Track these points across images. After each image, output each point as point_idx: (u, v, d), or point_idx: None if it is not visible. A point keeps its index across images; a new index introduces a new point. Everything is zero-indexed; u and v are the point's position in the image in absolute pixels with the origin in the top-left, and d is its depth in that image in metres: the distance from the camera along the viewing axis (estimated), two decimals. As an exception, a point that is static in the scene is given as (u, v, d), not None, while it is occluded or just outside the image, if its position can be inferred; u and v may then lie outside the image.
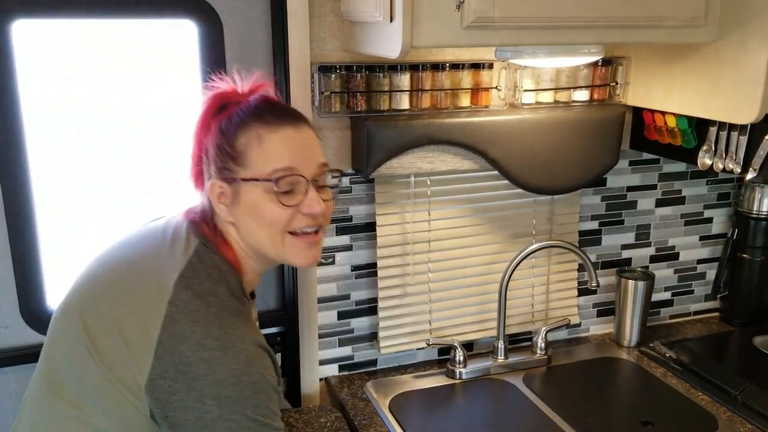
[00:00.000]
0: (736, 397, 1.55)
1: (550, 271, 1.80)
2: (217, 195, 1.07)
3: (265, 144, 1.04)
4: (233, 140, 1.05)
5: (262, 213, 1.05)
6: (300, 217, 1.06)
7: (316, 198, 1.06)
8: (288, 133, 1.06)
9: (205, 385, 0.94)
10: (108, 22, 1.35)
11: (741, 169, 1.49)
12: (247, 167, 1.04)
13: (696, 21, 1.34)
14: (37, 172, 1.37)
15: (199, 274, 1.02)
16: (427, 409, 1.56)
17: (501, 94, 1.59)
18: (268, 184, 1.03)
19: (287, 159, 1.04)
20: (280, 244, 1.07)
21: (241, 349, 0.97)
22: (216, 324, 0.98)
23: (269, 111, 1.07)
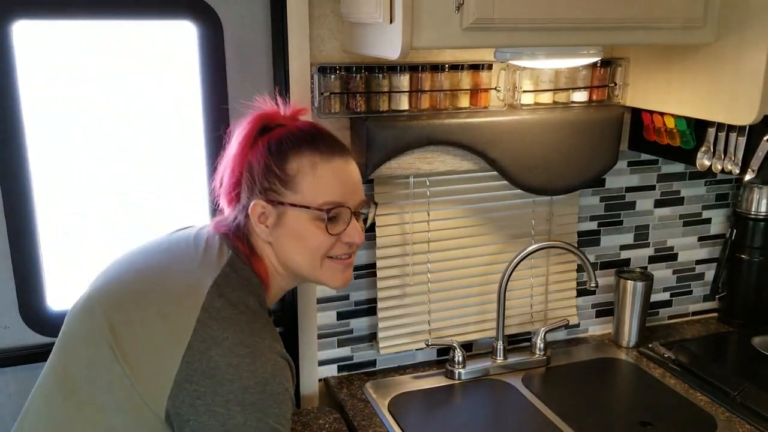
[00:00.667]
0: (735, 397, 1.56)
1: (549, 272, 1.80)
2: (258, 215, 1.10)
3: (319, 173, 1.08)
4: (284, 164, 1.08)
5: (306, 239, 1.09)
6: (340, 245, 1.12)
7: (358, 229, 1.13)
8: (340, 165, 1.11)
9: (232, 390, 0.96)
10: (108, 23, 1.36)
11: (740, 170, 1.49)
12: (297, 192, 1.08)
13: (695, 22, 1.35)
14: (38, 172, 1.37)
15: (231, 283, 1.05)
16: (426, 409, 1.56)
17: (500, 95, 1.59)
18: (318, 213, 1.08)
19: (339, 191, 1.10)
20: (318, 267, 1.12)
21: (268, 359, 1.00)
22: (247, 332, 1.00)
23: (322, 140, 1.12)
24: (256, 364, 0.98)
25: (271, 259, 1.13)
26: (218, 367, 0.97)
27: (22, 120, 1.33)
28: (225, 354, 0.97)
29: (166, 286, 1.06)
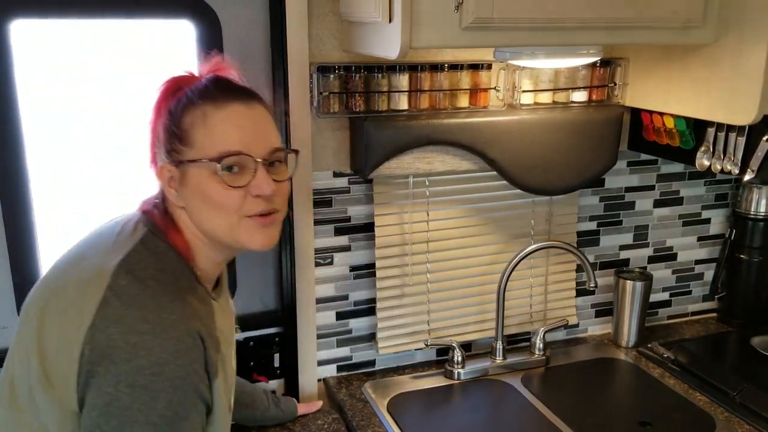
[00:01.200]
0: (734, 397, 1.56)
1: (548, 272, 1.80)
2: (167, 179, 1.02)
3: (210, 122, 0.98)
4: (180, 120, 1.00)
5: (210, 197, 0.99)
6: (251, 200, 1.00)
7: (266, 179, 1.00)
8: (236, 109, 1.00)
9: (125, 370, 0.90)
10: (105, 22, 1.35)
11: (739, 170, 1.49)
12: (193, 147, 0.99)
13: (694, 22, 1.35)
14: (36, 172, 1.37)
15: (142, 260, 0.98)
16: (425, 409, 1.56)
17: (500, 95, 1.59)
18: (213, 165, 0.97)
19: (235, 138, 0.98)
20: (235, 228, 1.01)
21: (171, 337, 0.92)
22: (151, 307, 0.93)
23: (218, 87, 1.02)
24: (155, 342, 0.90)
25: (189, 227, 1.03)
26: (116, 345, 0.90)
27: (20, 120, 1.33)
28: (125, 332, 0.90)
29: (80, 272, 0.99)
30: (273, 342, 1.60)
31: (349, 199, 1.59)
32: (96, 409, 0.91)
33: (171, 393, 0.91)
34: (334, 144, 1.54)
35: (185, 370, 0.92)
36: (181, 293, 0.98)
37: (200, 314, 0.99)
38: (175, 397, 0.92)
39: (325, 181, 1.56)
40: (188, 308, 0.97)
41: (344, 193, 1.58)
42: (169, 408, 0.91)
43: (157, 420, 0.91)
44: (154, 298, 0.94)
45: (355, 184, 1.58)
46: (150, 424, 0.91)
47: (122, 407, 0.90)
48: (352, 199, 1.59)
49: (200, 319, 0.98)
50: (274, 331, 1.60)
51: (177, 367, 0.91)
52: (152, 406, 0.90)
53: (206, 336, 0.97)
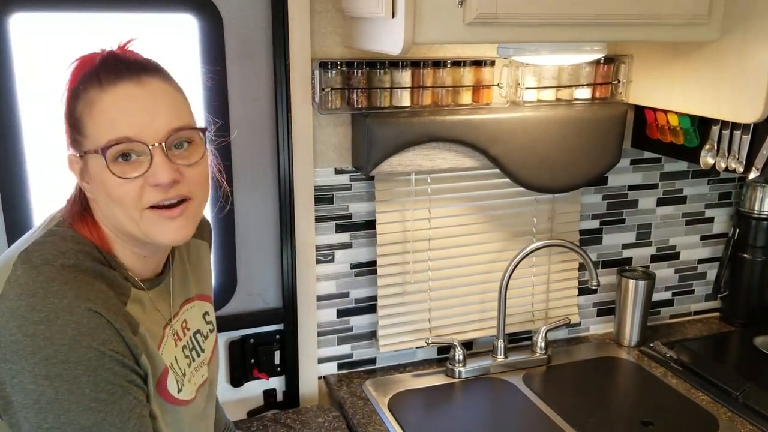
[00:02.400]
0: (737, 397, 1.55)
1: (550, 270, 1.79)
2: (78, 171, 0.94)
3: (96, 108, 0.89)
4: (74, 107, 0.91)
5: (108, 190, 0.90)
6: (150, 190, 0.90)
7: (163, 165, 0.88)
8: (124, 91, 0.88)
9: (35, 363, 0.85)
10: (107, 16, 1.34)
11: (744, 169, 1.48)
12: (87, 137, 0.90)
13: (699, 19, 1.34)
14: (35, 167, 1.36)
15: (42, 246, 0.92)
16: (426, 408, 1.55)
17: (503, 92, 1.58)
18: (102, 157, 0.88)
19: (123, 124, 0.88)
20: (138, 220, 0.92)
21: (68, 322, 0.86)
22: (41, 294, 0.86)
23: (104, 68, 0.91)
24: (51, 330, 0.85)
25: (105, 222, 0.96)
26: (18, 340, 0.85)
27: (19, 114, 1.32)
28: (21, 324, 0.85)
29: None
30: (273, 339, 1.59)
31: (351, 196, 1.58)
32: (29, 408, 0.87)
33: (92, 375, 0.87)
34: (335, 140, 1.53)
35: (96, 351, 0.87)
36: (78, 274, 0.90)
37: (105, 295, 0.91)
38: (98, 378, 0.87)
39: (326, 177, 1.55)
40: (84, 289, 0.89)
41: (346, 190, 1.57)
42: (98, 389, 0.87)
43: (92, 404, 0.87)
44: (43, 284, 0.87)
45: (357, 181, 1.57)
46: (87, 410, 0.87)
47: (50, 401, 0.86)
48: (353, 196, 1.58)
49: (104, 300, 0.90)
50: (274, 329, 1.59)
51: (84, 350, 0.86)
52: (78, 392, 0.86)
53: (113, 317, 0.89)
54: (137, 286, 0.99)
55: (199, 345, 1.12)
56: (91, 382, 0.86)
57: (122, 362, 0.89)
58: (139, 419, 0.91)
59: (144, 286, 1.00)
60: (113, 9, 1.33)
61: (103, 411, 0.88)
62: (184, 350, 1.08)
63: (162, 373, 0.99)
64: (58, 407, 0.86)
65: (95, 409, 0.87)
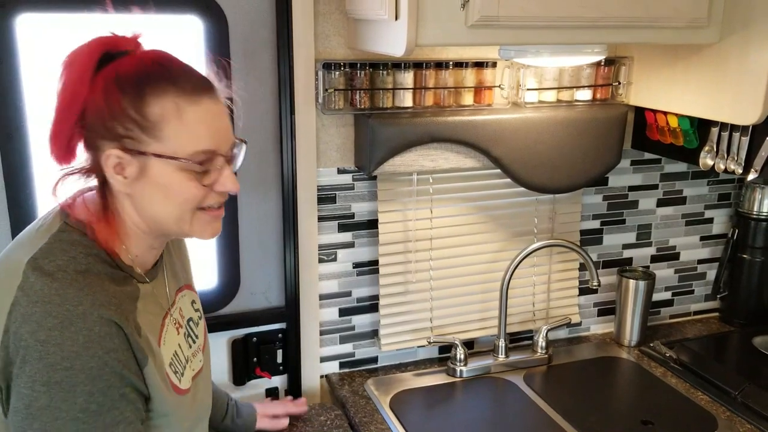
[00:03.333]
0: (736, 397, 1.56)
1: (551, 270, 1.80)
2: (114, 165, 0.94)
3: (186, 118, 0.92)
4: (143, 106, 0.91)
5: (174, 192, 0.95)
6: (213, 195, 0.98)
7: (232, 177, 0.98)
8: (208, 107, 0.95)
9: (38, 369, 0.87)
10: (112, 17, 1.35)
11: (742, 170, 1.49)
12: (162, 141, 0.92)
13: (699, 22, 1.35)
14: (42, 167, 1.37)
15: (51, 253, 0.92)
16: (427, 407, 1.56)
17: (504, 93, 1.59)
18: (187, 164, 0.93)
19: (210, 138, 0.94)
20: (187, 220, 0.98)
21: (80, 329, 0.88)
22: (57, 301, 0.88)
23: (184, 76, 0.95)
24: (64, 336, 0.87)
25: (130, 215, 0.98)
26: (28, 345, 0.87)
27: (26, 114, 1.33)
28: (34, 330, 0.87)
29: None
30: (276, 338, 1.60)
31: (353, 195, 1.59)
32: (19, 413, 0.88)
33: (89, 385, 0.88)
34: (338, 141, 1.54)
35: (100, 360, 0.88)
36: (92, 279, 0.92)
37: (117, 299, 0.94)
38: (95, 388, 0.89)
39: (329, 177, 1.56)
40: (100, 295, 0.91)
41: (348, 190, 1.58)
42: (90, 400, 0.88)
43: (80, 414, 0.88)
44: (59, 291, 0.89)
45: (359, 181, 1.59)
46: (74, 420, 0.88)
47: (41, 407, 0.87)
48: (356, 195, 1.59)
49: (116, 305, 0.93)
50: (277, 327, 1.60)
51: (90, 358, 0.88)
52: (71, 401, 0.88)
53: (124, 322, 0.92)
54: (141, 280, 1.01)
55: (194, 332, 1.14)
56: (86, 391, 0.88)
57: (121, 374, 0.91)
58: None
59: (146, 279, 1.02)
60: (118, 10, 1.34)
61: (88, 422, 0.89)
62: (185, 337, 1.10)
63: (164, 370, 1.01)
64: (48, 414, 0.87)
65: (81, 419, 0.88)
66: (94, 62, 0.93)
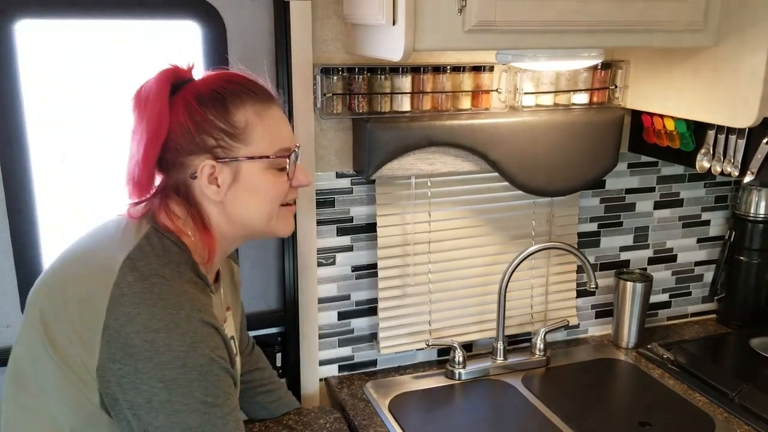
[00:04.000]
0: (733, 398, 1.56)
1: (549, 273, 1.81)
2: (208, 176, 1.04)
3: (266, 121, 1.06)
4: (229, 116, 1.03)
5: (264, 190, 1.07)
6: (292, 190, 1.12)
7: (305, 171, 1.13)
8: (277, 110, 1.10)
9: (151, 367, 0.94)
10: (110, 22, 1.36)
11: (739, 172, 1.50)
12: (250, 144, 1.05)
13: (695, 26, 1.36)
14: (41, 172, 1.38)
15: (146, 256, 1.00)
16: (426, 409, 1.57)
17: (501, 97, 1.60)
18: (277, 161, 1.07)
19: (286, 135, 1.09)
20: (274, 217, 1.10)
21: (186, 331, 0.96)
22: (160, 305, 0.96)
23: (254, 86, 1.08)
24: (171, 338, 0.94)
25: (217, 223, 1.08)
26: (135, 344, 0.94)
27: (24, 120, 1.33)
28: (140, 330, 0.94)
29: (85, 268, 1.02)
30: (275, 342, 1.60)
31: (352, 199, 1.60)
32: (140, 407, 0.95)
33: (203, 380, 0.96)
34: (336, 145, 1.55)
35: (208, 357, 0.96)
36: (186, 287, 1.00)
37: (207, 306, 1.02)
38: (208, 382, 0.96)
39: (327, 181, 1.56)
40: (195, 301, 1.00)
41: (347, 194, 1.59)
42: (207, 393, 0.96)
43: (200, 406, 0.96)
44: (162, 295, 0.96)
45: (358, 185, 1.59)
46: (195, 412, 0.96)
47: (162, 401, 0.94)
48: (354, 199, 1.60)
49: (209, 311, 1.02)
50: (276, 331, 1.61)
51: (199, 356, 0.95)
52: (190, 395, 0.95)
53: (218, 325, 1.01)
54: (212, 289, 1.09)
55: (235, 349, 1.21)
56: (201, 386, 0.96)
57: (226, 369, 1.00)
58: (236, 422, 1.01)
59: (213, 290, 1.11)
60: (117, 16, 1.34)
61: (209, 413, 0.97)
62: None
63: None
64: (169, 408, 0.95)
65: (202, 411, 0.96)
66: (167, 91, 1.03)
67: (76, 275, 1.02)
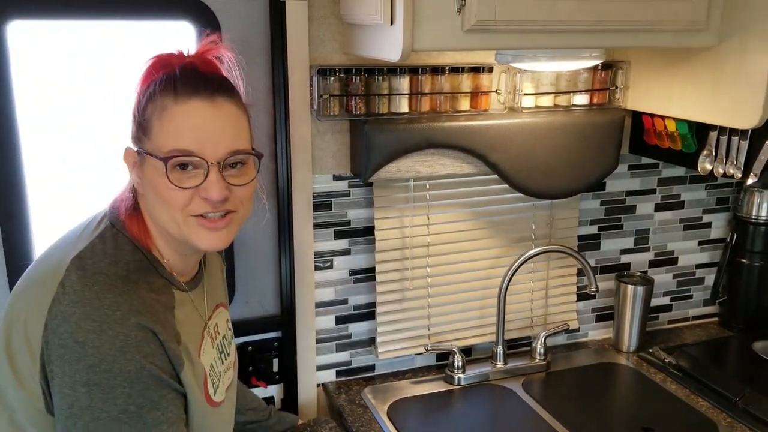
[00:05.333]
0: (736, 403, 1.55)
1: (549, 276, 1.79)
2: (132, 163, 1.00)
3: (166, 117, 0.94)
4: (144, 107, 0.97)
5: (158, 190, 0.96)
6: (198, 201, 0.96)
7: (216, 183, 0.95)
8: (196, 106, 0.94)
9: (78, 370, 0.90)
10: (104, 23, 1.34)
11: (741, 174, 1.49)
12: (150, 139, 0.96)
13: (697, 25, 1.34)
14: (33, 174, 1.36)
15: (95, 254, 0.96)
16: (425, 415, 1.55)
17: (501, 98, 1.58)
18: (161, 163, 0.94)
19: (189, 138, 0.94)
20: (181, 224, 0.97)
21: (117, 333, 0.90)
22: (96, 304, 0.91)
23: (183, 79, 0.96)
24: (101, 340, 0.89)
25: (150, 217, 1.01)
26: (67, 345, 0.90)
27: (16, 122, 1.31)
28: (73, 330, 0.90)
29: (40, 269, 0.99)
30: (272, 347, 1.58)
31: (349, 202, 1.58)
32: (63, 412, 0.91)
33: (127, 387, 0.90)
34: (334, 147, 1.53)
35: (138, 363, 0.91)
36: (130, 286, 0.95)
37: (153, 308, 0.96)
38: (133, 390, 0.91)
39: (325, 184, 1.54)
40: (136, 302, 0.94)
41: (344, 197, 1.57)
42: (129, 402, 0.91)
43: (120, 415, 0.90)
44: (99, 294, 0.92)
45: (356, 188, 1.57)
46: (115, 421, 0.90)
47: (83, 408, 0.90)
48: (352, 202, 1.58)
49: (152, 313, 0.95)
50: (273, 336, 1.59)
51: (127, 361, 0.90)
52: (111, 402, 0.90)
53: (159, 329, 0.94)
54: (181, 288, 1.04)
55: (227, 349, 1.17)
56: (125, 393, 0.91)
57: (159, 377, 0.93)
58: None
59: (186, 288, 1.05)
60: (111, 17, 1.33)
61: (129, 423, 0.91)
62: (218, 352, 1.13)
63: (203, 378, 1.04)
64: (89, 414, 0.90)
65: (122, 420, 0.91)
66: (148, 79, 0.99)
67: (31, 278, 0.99)
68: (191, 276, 1.09)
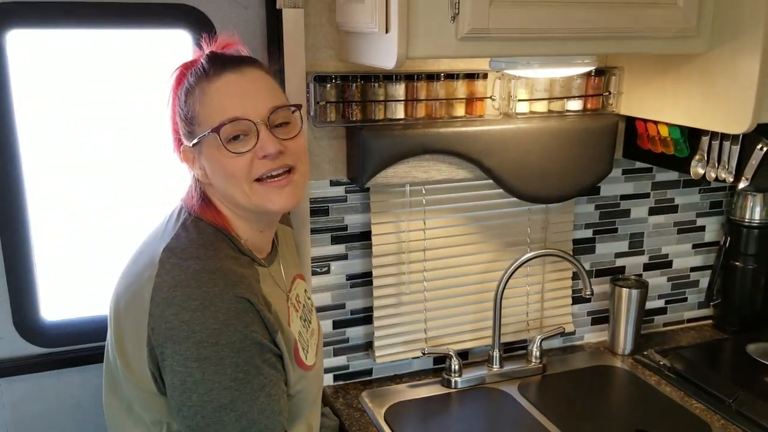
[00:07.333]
0: (730, 404, 1.56)
1: (544, 280, 1.80)
2: (191, 160, 1.09)
3: (206, 99, 1.04)
4: (185, 103, 1.06)
5: (223, 167, 1.04)
6: (258, 163, 1.04)
7: (269, 138, 1.03)
8: (228, 79, 1.04)
9: (188, 347, 0.97)
10: (102, 32, 1.35)
11: (733, 178, 1.50)
12: (200, 124, 1.05)
13: (688, 32, 1.36)
14: (32, 183, 1.37)
15: (181, 243, 1.04)
16: (422, 418, 1.56)
17: (495, 104, 1.60)
18: (216, 136, 1.02)
19: (232, 106, 1.03)
20: (250, 194, 1.05)
21: (219, 308, 0.98)
22: (194, 285, 0.99)
23: (213, 62, 1.06)
24: (205, 315, 0.97)
25: (223, 201, 1.10)
26: (173, 326, 0.97)
27: (15, 130, 1.32)
28: (177, 312, 0.98)
29: (135, 268, 1.08)
30: (270, 351, 1.59)
31: (346, 207, 1.59)
32: (176, 389, 0.98)
33: (235, 356, 0.98)
34: (330, 153, 1.54)
35: (241, 333, 0.98)
36: (221, 263, 1.03)
37: (246, 279, 1.04)
38: (240, 359, 0.98)
39: (321, 189, 1.56)
40: (231, 276, 1.01)
41: (341, 202, 1.58)
42: (237, 370, 0.98)
43: (231, 383, 0.98)
44: (195, 275, 1.00)
45: (352, 193, 1.58)
46: (226, 389, 0.98)
47: (197, 381, 0.97)
48: (348, 207, 1.59)
49: (246, 285, 1.02)
50: (270, 341, 1.60)
51: (231, 333, 0.97)
52: (222, 372, 0.97)
53: (255, 299, 1.02)
54: (261, 264, 1.11)
55: (308, 317, 1.23)
56: (233, 363, 0.98)
57: (260, 343, 1.01)
58: (268, 397, 1.02)
59: (264, 263, 1.13)
60: (108, 25, 1.34)
61: (239, 389, 0.99)
62: (302, 320, 1.19)
63: (294, 344, 1.10)
64: (202, 387, 0.97)
65: (233, 387, 0.98)
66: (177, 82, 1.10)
67: (128, 274, 1.09)
68: (267, 252, 1.17)
